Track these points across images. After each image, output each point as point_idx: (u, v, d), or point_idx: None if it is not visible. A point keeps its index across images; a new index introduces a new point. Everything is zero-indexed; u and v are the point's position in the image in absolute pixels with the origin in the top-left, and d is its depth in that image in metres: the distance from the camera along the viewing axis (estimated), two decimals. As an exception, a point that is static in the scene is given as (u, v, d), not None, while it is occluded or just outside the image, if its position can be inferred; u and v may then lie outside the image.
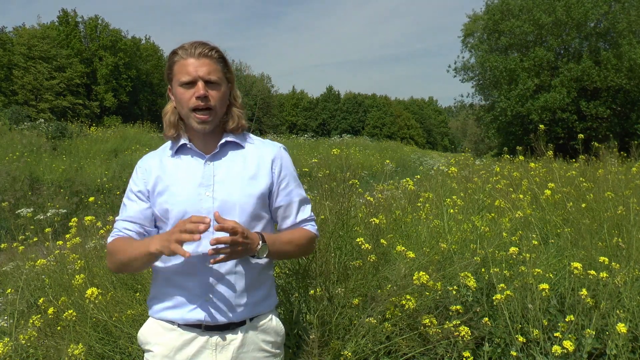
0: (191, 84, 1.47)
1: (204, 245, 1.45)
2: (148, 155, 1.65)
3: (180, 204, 1.50)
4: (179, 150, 1.58)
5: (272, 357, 1.60)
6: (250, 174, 1.55)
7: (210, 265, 1.46)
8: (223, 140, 1.56)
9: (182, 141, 1.56)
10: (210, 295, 1.48)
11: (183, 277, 1.49)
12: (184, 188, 1.51)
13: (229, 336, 1.51)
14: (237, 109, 1.59)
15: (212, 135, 1.57)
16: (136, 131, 19.82)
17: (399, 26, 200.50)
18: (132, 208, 1.56)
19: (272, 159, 1.60)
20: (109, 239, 1.56)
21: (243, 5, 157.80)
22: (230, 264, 1.49)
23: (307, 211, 1.67)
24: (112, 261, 1.53)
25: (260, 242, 1.44)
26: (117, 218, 1.60)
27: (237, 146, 1.59)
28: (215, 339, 1.50)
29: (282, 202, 1.61)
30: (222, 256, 1.35)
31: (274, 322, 1.62)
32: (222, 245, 1.34)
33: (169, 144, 1.62)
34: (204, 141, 1.57)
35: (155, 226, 1.60)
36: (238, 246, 1.36)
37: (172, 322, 1.52)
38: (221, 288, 1.49)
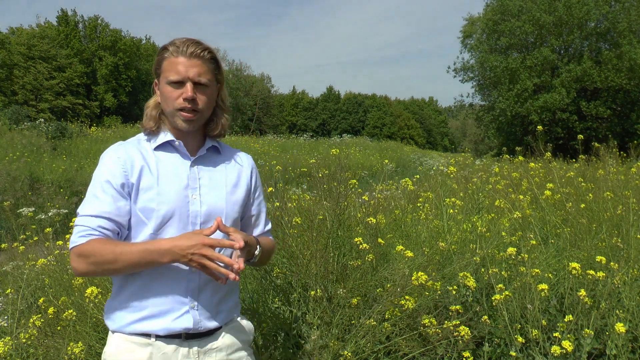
0: (179, 83, 1.42)
1: None
2: (119, 145, 1.47)
3: (168, 203, 1.40)
4: (162, 147, 1.49)
5: (250, 356, 1.60)
6: (232, 181, 1.55)
7: (196, 270, 1.39)
8: (209, 145, 1.53)
9: (168, 138, 1.48)
10: (196, 302, 1.43)
11: (167, 282, 1.40)
12: (170, 187, 1.43)
13: (210, 343, 1.47)
14: (223, 112, 1.54)
15: (195, 136, 1.52)
16: (136, 131, 19.42)
17: (400, 26, 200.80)
18: (108, 203, 1.36)
19: (251, 169, 1.63)
20: (81, 239, 1.32)
21: (243, 5, 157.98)
22: None
23: (269, 222, 1.73)
24: (87, 263, 1.31)
25: (258, 246, 1.47)
26: (84, 212, 1.36)
27: (218, 152, 1.58)
28: (196, 348, 1.44)
29: (254, 211, 1.64)
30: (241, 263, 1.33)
31: (244, 321, 1.62)
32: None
33: (142, 137, 1.52)
34: (186, 142, 1.51)
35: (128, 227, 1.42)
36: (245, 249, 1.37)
37: (147, 335, 1.39)
38: (206, 294, 1.45)
